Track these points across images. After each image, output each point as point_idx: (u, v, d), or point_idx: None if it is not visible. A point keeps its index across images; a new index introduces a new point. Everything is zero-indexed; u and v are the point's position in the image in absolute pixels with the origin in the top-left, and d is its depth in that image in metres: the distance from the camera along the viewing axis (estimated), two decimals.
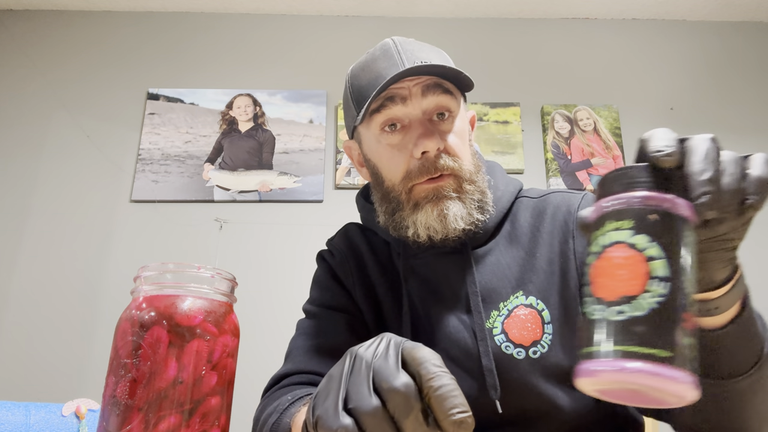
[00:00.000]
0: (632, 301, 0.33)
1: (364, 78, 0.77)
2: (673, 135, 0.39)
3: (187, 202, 2.14)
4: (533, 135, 2.33)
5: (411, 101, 0.73)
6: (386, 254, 0.84)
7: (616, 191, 0.37)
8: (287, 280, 2.05)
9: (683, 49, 2.49)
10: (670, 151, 0.38)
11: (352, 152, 0.86)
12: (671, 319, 0.33)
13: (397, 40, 0.78)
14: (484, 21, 2.50)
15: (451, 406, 0.33)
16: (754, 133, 2.37)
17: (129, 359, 0.45)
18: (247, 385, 1.25)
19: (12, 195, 2.14)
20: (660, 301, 0.33)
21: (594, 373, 0.34)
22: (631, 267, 0.34)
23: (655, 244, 0.34)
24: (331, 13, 2.47)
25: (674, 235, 0.35)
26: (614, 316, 0.34)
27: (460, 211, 0.73)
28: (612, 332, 0.33)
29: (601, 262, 0.36)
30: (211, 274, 0.49)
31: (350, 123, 0.82)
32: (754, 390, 0.53)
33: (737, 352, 0.50)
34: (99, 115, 2.27)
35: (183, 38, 2.41)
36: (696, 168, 0.37)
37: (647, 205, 0.36)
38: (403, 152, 0.74)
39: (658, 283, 0.34)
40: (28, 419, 1.09)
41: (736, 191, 0.38)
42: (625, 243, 0.35)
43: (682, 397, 0.33)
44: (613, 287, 0.35)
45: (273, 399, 0.70)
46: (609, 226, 0.36)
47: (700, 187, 0.36)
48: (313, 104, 2.32)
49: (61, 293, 2.01)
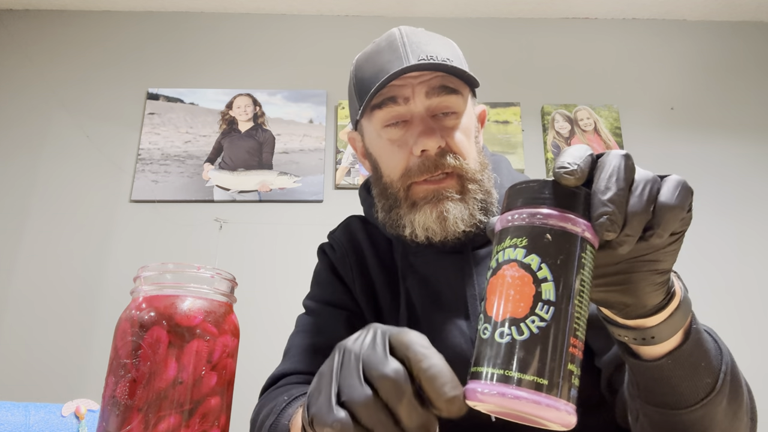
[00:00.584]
0: (517, 324, 0.33)
1: (367, 70, 0.75)
2: (586, 152, 0.37)
3: (187, 202, 2.14)
4: (533, 135, 2.33)
5: (414, 100, 0.72)
6: (387, 250, 0.83)
7: (519, 206, 0.36)
8: (287, 280, 2.05)
9: (683, 49, 2.49)
10: (572, 169, 0.35)
11: (355, 143, 0.84)
12: (552, 345, 0.32)
13: (404, 31, 0.75)
14: (484, 21, 2.50)
15: (441, 384, 0.33)
16: (755, 133, 2.37)
17: (129, 359, 0.45)
18: (247, 385, 1.25)
19: (11, 195, 2.14)
20: (541, 327, 0.33)
21: (476, 395, 0.33)
22: (520, 288, 0.34)
23: (546, 266, 0.33)
24: (331, 13, 2.47)
25: (567, 256, 0.34)
26: (499, 338, 0.33)
27: (461, 212, 0.71)
28: (495, 354, 0.33)
29: (495, 279, 0.35)
30: (211, 274, 0.49)
31: (353, 115, 0.80)
32: (705, 425, 0.50)
33: (679, 384, 0.48)
34: (99, 114, 2.27)
35: (183, 38, 2.40)
36: (599, 186, 0.35)
37: (544, 224, 0.34)
38: (403, 149, 0.72)
39: (543, 307, 0.33)
40: (27, 419, 1.09)
41: (639, 214, 0.35)
42: (517, 262, 0.34)
43: (559, 425, 0.32)
44: (502, 307, 0.34)
45: (269, 400, 0.70)
46: (507, 242, 0.35)
47: (599, 207, 0.34)
48: (313, 104, 2.32)
49: (60, 293, 2.01)
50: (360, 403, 0.33)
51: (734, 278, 2.16)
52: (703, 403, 0.49)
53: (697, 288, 2.10)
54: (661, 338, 0.45)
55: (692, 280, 2.11)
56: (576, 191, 0.35)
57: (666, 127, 2.37)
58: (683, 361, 0.47)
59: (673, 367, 0.47)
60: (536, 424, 0.34)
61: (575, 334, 0.33)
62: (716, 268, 2.17)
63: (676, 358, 0.47)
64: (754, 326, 2.10)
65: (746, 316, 2.11)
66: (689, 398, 0.49)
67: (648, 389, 0.51)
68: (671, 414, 0.50)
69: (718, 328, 0.68)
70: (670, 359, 0.47)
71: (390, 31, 0.76)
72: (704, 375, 0.48)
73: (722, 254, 2.19)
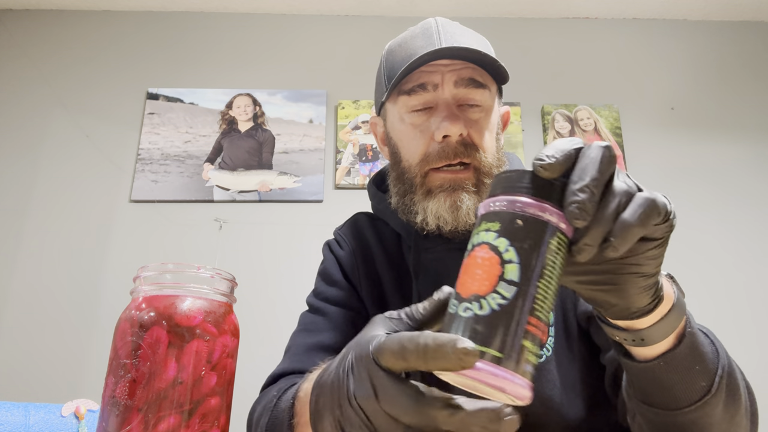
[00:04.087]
0: (479, 300, 0.35)
1: (399, 54, 0.75)
2: (570, 145, 0.37)
3: (186, 202, 2.14)
4: (533, 135, 2.33)
5: (442, 87, 0.72)
6: (396, 247, 0.82)
7: (498, 193, 0.38)
8: (287, 280, 2.04)
9: (684, 49, 2.49)
10: (547, 162, 0.36)
11: (376, 129, 0.84)
12: (510, 322, 0.34)
13: (439, 21, 0.76)
14: (484, 21, 2.50)
15: (446, 353, 0.32)
16: (755, 133, 2.37)
17: (128, 359, 0.45)
18: (247, 385, 1.24)
19: (11, 195, 2.14)
20: (501, 304, 0.34)
21: None
22: (487, 268, 0.35)
23: (513, 249, 0.35)
24: (331, 13, 2.47)
25: (535, 242, 0.35)
26: (463, 312, 0.35)
27: (475, 205, 0.71)
28: (458, 328, 0.35)
29: (467, 260, 0.37)
30: (211, 274, 0.49)
31: (379, 98, 0.80)
32: (701, 425, 0.50)
33: (673, 386, 0.49)
34: (98, 114, 2.27)
35: (183, 38, 2.40)
36: (573, 177, 0.36)
37: (516, 210, 0.36)
38: (425, 134, 0.73)
39: (506, 286, 0.34)
40: (27, 419, 1.09)
41: (599, 226, 0.36)
42: (488, 244, 0.36)
43: (514, 397, 0.34)
44: (468, 285, 0.36)
45: (263, 397, 0.69)
46: (482, 226, 0.38)
47: (570, 196, 0.35)
48: (313, 104, 2.31)
49: (60, 293, 2.01)
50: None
51: (734, 278, 2.16)
52: (698, 405, 0.49)
53: (696, 288, 2.10)
54: (652, 340, 0.46)
55: (691, 280, 2.11)
56: (553, 182, 0.37)
57: (666, 127, 2.37)
58: (677, 363, 0.48)
59: (666, 369, 0.48)
60: (493, 397, 0.35)
61: (535, 314, 0.35)
62: (715, 267, 2.17)
63: (669, 361, 0.47)
64: (753, 326, 2.10)
65: (745, 316, 2.11)
66: (683, 400, 0.49)
67: (643, 390, 0.51)
68: (666, 414, 0.50)
69: (717, 328, 0.68)
70: (663, 361, 0.47)
71: (426, 20, 0.77)
72: (699, 378, 0.49)
73: (721, 254, 2.19)
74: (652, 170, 2.29)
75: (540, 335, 0.35)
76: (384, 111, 0.80)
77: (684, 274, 2.16)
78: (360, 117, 2.29)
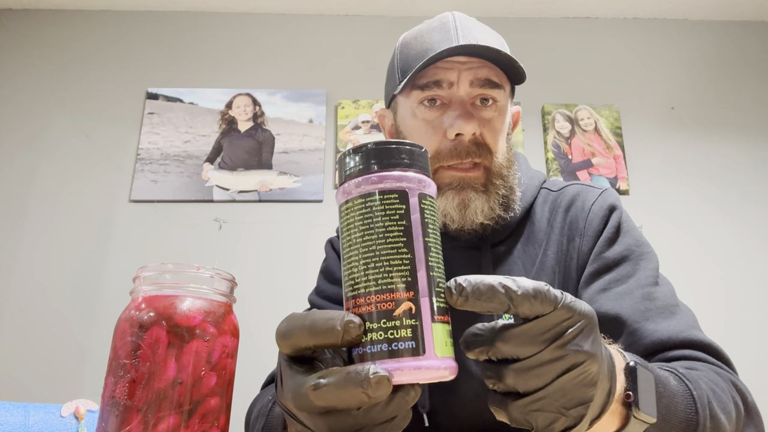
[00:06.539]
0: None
1: (414, 47, 0.74)
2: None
3: (186, 201, 2.14)
4: (534, 135, 2.33)
5: (457, 86, 0.71)
6: None
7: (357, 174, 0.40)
8: (287, 280, 2.04)
9: (684, 49, 2.49)
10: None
11: (384, 121, 0.83)
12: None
13: (456, 16, 0.75)
14: (484, 21, 2.47)
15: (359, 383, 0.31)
16: (756, 133, 2.37)
17: (128, 360, 0.45)
18: (247, 385, 1.24)
19: (10, 195, 2.14)
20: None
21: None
22: None
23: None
24: (331, 13, 2.47)
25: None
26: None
27: (483, 205, 0.71)
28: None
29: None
30: (211, 274, 0.49)
31: (390, 91, 0.79)
32: None
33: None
34: (98, 114, 2.26)
35: (182, 38, 2.40)
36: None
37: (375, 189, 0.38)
38: (437, 130, 0.72)
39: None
40: (26, 420, 1.09)
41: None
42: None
43: (447, 374, 0.34)
44: None
45: (259, 399, 0.69)
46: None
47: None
48: (312, 104, 2.31)
49: (59, 293, 2.01)
50: None
51: (735, 278, 2.16)
52: None
53: (698, 288, 2.10)
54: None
55: (692, 280, 2.11)
56: (397, 146, 0.37)
57: (667, 127, 2.37)
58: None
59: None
60: (431, 380, 0.35)
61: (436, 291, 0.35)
62: (717, 267, 2.17)
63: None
64: (755, 327, 2.09)
65: (746, 314, 2.11)
66: None
67: None
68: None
69: (718, 327, 0.68)
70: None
71: (443, 14, 0.76)
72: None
73: (723, 254, 2.19)
74: (653, 170, 2.29)
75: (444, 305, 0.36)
76: (395, 104, 0.79)
77: (684, 273, 2.16)
78: (360, 117, 2.29)
